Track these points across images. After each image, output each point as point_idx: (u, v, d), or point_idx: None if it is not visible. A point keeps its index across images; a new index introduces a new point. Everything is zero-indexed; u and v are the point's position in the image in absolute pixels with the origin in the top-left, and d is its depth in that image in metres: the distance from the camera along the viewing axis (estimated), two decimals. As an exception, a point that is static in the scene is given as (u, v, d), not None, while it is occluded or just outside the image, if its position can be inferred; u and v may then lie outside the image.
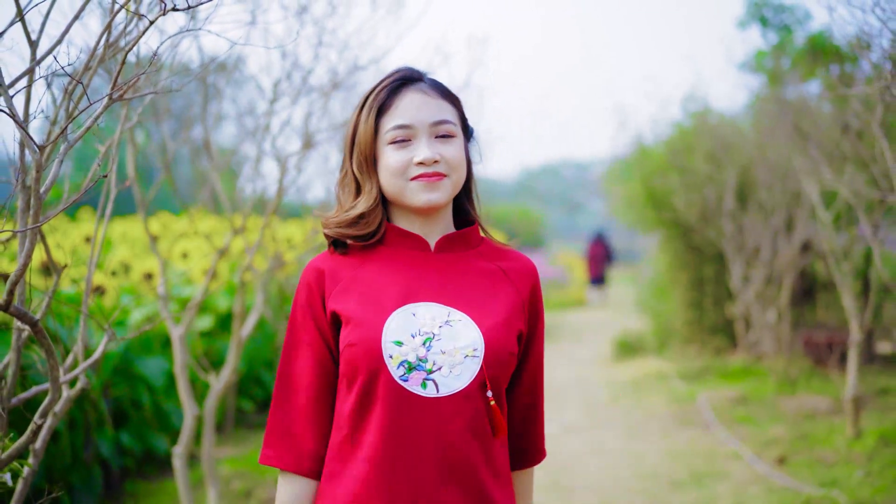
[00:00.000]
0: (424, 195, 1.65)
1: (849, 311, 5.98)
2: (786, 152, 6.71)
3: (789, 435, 6.10)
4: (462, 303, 1.67)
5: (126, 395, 5.10)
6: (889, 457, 5.36)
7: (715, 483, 5.21)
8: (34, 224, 1.58)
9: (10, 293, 1.63)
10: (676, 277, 10.39)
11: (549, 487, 5.25)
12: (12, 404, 1.90)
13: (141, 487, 5.12)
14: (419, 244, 1.71)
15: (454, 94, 1.75)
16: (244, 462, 5.39)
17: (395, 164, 1.65)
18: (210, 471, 3.78)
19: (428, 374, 1.61)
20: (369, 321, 1.63)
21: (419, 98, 1.67)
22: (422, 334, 1.62)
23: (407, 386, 1.60)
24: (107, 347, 2.04)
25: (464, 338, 1.63)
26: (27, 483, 2.10)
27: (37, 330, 1.70)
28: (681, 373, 8.81)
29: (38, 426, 1.76)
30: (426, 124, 1.66)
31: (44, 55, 1.75)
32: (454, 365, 1.61)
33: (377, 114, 1.67)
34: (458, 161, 1.68)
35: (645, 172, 10.30)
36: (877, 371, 8.22)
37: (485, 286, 1.72)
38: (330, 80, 3.66)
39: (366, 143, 1.68)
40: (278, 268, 4.34)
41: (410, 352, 1.60)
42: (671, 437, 6.50)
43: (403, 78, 1.70)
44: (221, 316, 6.64)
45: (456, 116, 1.72)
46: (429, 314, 1.64)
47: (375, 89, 1.71)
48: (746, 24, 9.49)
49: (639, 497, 5.03)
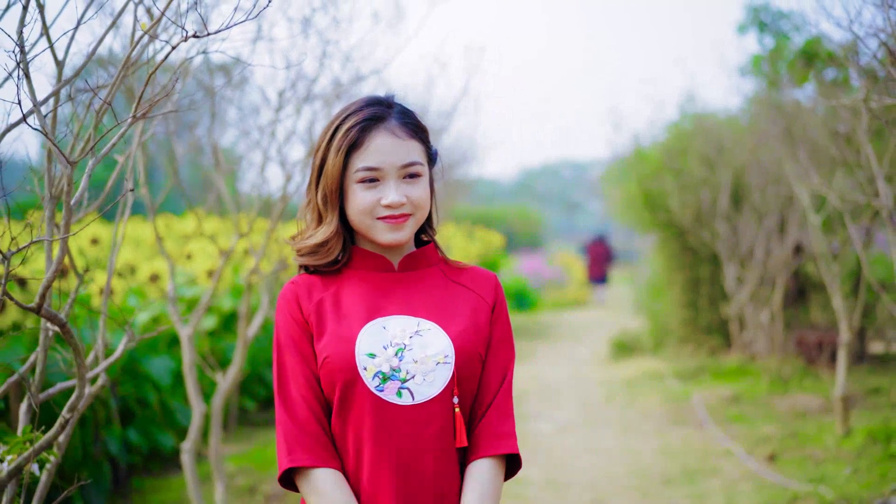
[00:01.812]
0: (389, 234, 1.74)
1: (838, 311, 6.12)
2: (778, 156, 6.85)
3: (780, 433, 6.24)
4: (429, 313, 1.76)
5: (132, 394, 5.24)
6: (877, 454, 5.50)
7: (706, 480, 5.35)
8: (65, 234, 1.72)
9: (42, 297, 1.76)
10: (672, 278, 10.54)
11: (544, 484, 5.38)
12: (40, 400, 2.04)
13: (147, 483, 5.25)
14: (384, 265, 1.81)
15: (422, 125, 1.81)
16: (248, 458, 5.53)
17: (363, 203, 1.72)
18: (217, 466, 3.92)
19: (402, 384, 1.69)
20: (342, 335, 1.71)
21: (389, 141, 1.72)
22: (393, 345, 1.71)
23: (383, 396, 1.68)
24: (126, 346, 2.18)
25: (434, 346, 1.72)
26: (51, 474, 2.24)
27: (65, 330, 1.84)
28: (676, 372, 8.95)
29: (66, 420, 1.90)
30: (395, 167, 1.73)
31: (71, 77, 1.89)
32: (427, 373, 1.70)
33: (347, 151, 1.73)
34: (423, 200, 1.76)
35: (641, 174, 10.45)
36: (869, 370, 8.36)
37: (449, 297, 1.81)
38: (333, 90, 3.80)
39: (332, 179, 1.74)
40: (281, 270, 4.47)
41: (384, 362, 1.69)
42: (665, 435, 6.64)
43: (373, 117, 1.74)
44: (225, 316, 6.78)
45: (422, 153, 1.78)
46: (398, 326, 1.73)
47: (344, 125, 1.74)
48: (745, 30, 9.64)
49: (632, 493, 5.17)
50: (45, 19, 1.87)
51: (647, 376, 9.06)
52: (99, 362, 2.28)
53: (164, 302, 5.68)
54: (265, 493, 4.84)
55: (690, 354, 9.96)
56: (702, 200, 9.13)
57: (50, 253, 2.03)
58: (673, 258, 10.52)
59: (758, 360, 8.78)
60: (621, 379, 9.17)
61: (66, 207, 1.73)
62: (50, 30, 1.95)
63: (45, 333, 2.03)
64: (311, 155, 3.90)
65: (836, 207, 5.57)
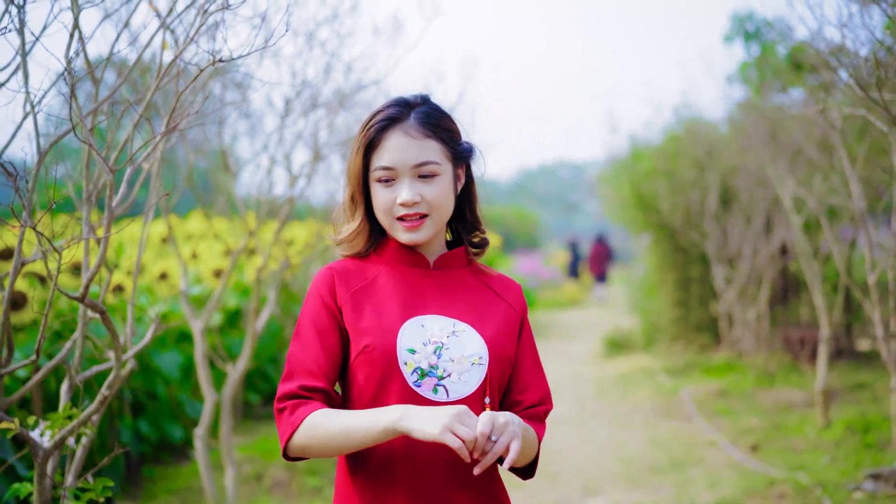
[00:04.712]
0: (406, 235, 1.80)
1: (819, 308, 6.39)
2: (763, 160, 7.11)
3: (764, 425, 6.50)
4: (464, 314, 1.82)
5: (143, 387, 5.50)
6: (854, 444, 5.76)
7: (691, 468, 5.62)
8: (107, 233, 1.97)
9: (86, 287, 2.02)
10: (664, 277, 10.81)
11: (538, 473, 5.64)
12: (78, 380, 2.29)
13: (157, 472, 5.50)
14: (421, 261, 1.86)
15: (443, 124, 1.82)
16: (254, 448, 5.78)
17: (381, 202, 1.79)
18: (227, 451, 4.17)
19: (439, 381, 1.74)
20: (384, 328, 1.76)
21: (403, 141, 1.77)
22: (432, 343, 1.76)
23: (420, 391, 1.73)
24: (154, 334, 2.43)
25: (470, 347, 1.77)
26: (85, 449, 2.50)
27: (105, 317, 2.09)
28: (666, 368, 9.22)
29: (104, 396, 2.15)
30: (407, 166, 1.77)
31: (109, 95, 2.15)
32: (462, 372, 1.75)
33: (365, 151, 1.80)
34: (440, 199, 1.79)
35: (634, 176, 10.73)
36: (855, 366, 8.64)
37: (482, 301, 1.87)
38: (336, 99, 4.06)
39: (355, 177, 1.82)
40: (286, 268, 4.73)
41: (423, 359, 1.74)
42: (654, 427, 6.90)
43: (391, 118, 1.79)
44: (230, 313, 7.03)
45: (441, 153, 1.80)
46: (436, 325, 1.78)
47: (367, 126, 1.81)
48: (732, 39, 9.93)
49: (619, 480, 5.44)
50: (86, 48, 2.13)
51: (639, 372, 9.33)
52: (128, 349, 2.54)
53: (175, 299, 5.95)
54: (272, 479, 5.09)
55: (681, 351, 10.23)
56: (691, 202, 9.41)
57: (87, 250, 2.28)
58: (665, 258, 10.79)
59: (745, 357, 9.05)
60: (614, 375, 9.44)
61: (107, 209, 1.98)
62: (93, 66, 2.21)
63: (84, 321, 2.29)
64: (316, 159, 4.17)
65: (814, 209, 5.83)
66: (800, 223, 6.50)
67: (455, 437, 1.55)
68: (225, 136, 4.33)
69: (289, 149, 4.13)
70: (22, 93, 2.30)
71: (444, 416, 1.57)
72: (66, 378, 2.37)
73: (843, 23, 2.97)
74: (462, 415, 1.58)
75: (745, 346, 9.06)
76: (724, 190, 9.30)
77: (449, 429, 1.56)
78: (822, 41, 3.38)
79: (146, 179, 2.81)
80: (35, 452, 2.15)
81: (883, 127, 3.16)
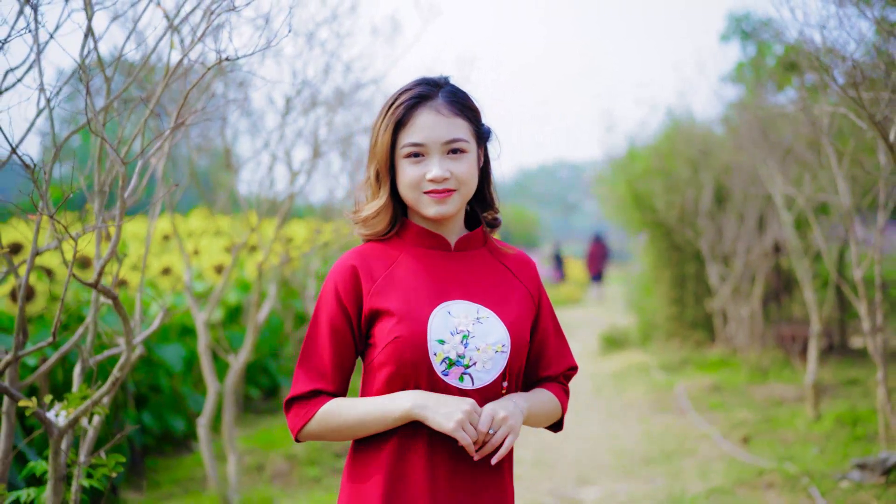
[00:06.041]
0: (434, 208, 1.82)
1: (809, 304, 6.51)
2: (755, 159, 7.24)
3: (755, 418, 6.62)
4: (486, 299, 1.85)
5: (146, 380, 5.61)
6: (843, 436, 5.88)
7: (683, 459, 5.74)
8: (119, 222, 2.09)
9: (99, 274, 2.14)
10: (660, 275, 10.94)
11: (533, 463, 5.77)
12: (92, 363, 2.41)
13: (160, 463, 5.62)
14: (441, 243, 1.89)
15: (469, 104, 1.87)
16: (254, 440, 5.90)
17: (409, 178, 1.81)
18: (230, 439, 4.29)
19: (465, 369, 1.79)
20: (413, 317, 1.78)
21: (433, 118, 1.81)
22: (458, 332, 1.79)
23: (447, 380, 1.78)
24: (162, 321, 2.55)
25: (493, 334, 1.81)
26: (96, 430, 2.62)
27: (117, 303, 2.21)
28: (662, 364, 9.35)
29: (116, 378, 2.27)
30: (438, 143, 1.80)
31: (120, 92, 2.27)
32: (486, 360, 1.80)
33: (394, 128, 1.82)
34: (467, 175, 1.83)
35: (630, 175, 10.85)
36: (849, 363, 8.77)
37: (501, 283, 1.90)
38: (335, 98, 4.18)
39: (382, 154, 1.83)
40: (286, 263, 4.84)
41: (451, 349, 1.78)
42: (648, 421, 7.02)
43: (420, 95, 1.82)
44: (230, 309, 7.15)
45: (468, 131, 1.85)
46: (462, 312, 1.81)
47: (395, 104, 1.83)
48: (728, 38, 10.06)
49: (613, 471, 5.56)
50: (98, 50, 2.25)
51: (634, 369, 9.45)
52: (136, 334, 2.65)
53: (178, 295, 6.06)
54: (272, 470, 5.21)
55: (676, 348, 10.36)
56: (686, 201, 9.54)
57: (99, 239, 2.40)
58: (661, 256, 10.92)
59: (739, 353, 9.17)
60: (609, 372, 9.56)
61: (120, 200, 2.10)
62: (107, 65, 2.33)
63: (96, 307, 2.41)
64: (316, 156, 4.29)
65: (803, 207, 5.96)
66: (791, 221, 6.62)
67: (465, 434, 1.71)
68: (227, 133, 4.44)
69: (289, 146, 4.26)
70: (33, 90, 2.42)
71: (458, 412, 1.71)
72: (79, 361, 2.49)
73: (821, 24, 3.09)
74: (472, 412, 1.73)
75: (739, 343, 9.19)
76: (718, 188, 9.43)
77: (462, 426, 1.71)
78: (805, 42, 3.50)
79: (150, 177, 2.93)
80: (50, 431, 2.27)
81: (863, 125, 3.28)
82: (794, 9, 3.15)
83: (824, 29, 3.14)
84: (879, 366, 4.93)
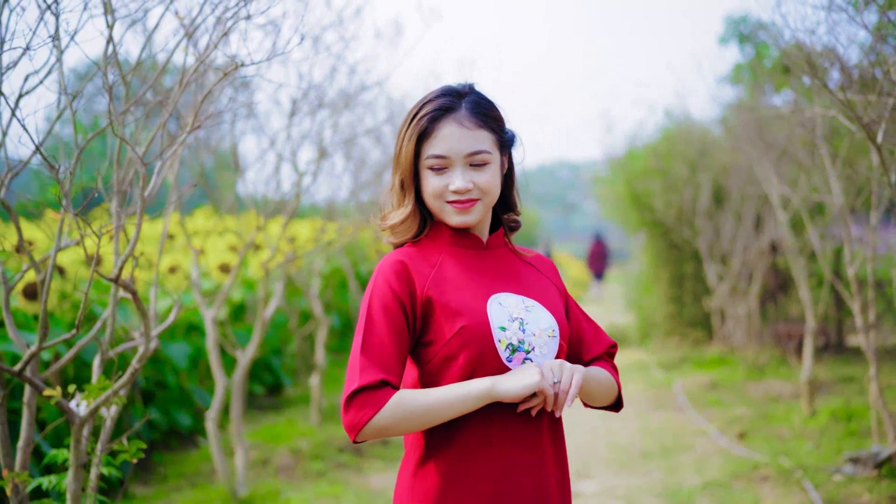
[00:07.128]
0: (457, 217, 1.87)
1: (805, 302, 6.63)
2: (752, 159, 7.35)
3: (752, 414, 6.73)
4: (527, 290, 1.91)
5: (153, 376, 5.72)
6: (838, 431, 5.99)
7: (680, 454, 5.85)
8: (139, 220, 2.20)
9: (120, 269, 2.25)
10: (658, 274, 11.05)
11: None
12: (109, 356, 2.52)
13: (167, 458, 5.72)
14: (476, 242, 1.94)
15: (493, 114, 1.90)
16: (259, 435, 6.01)
17: (433, 188, 1.85)
18: (237, 433, 4.39)
19: (526, 354, 1.83)
20: (472, 309, 1.82)
21: (457, 131, 1.84)
22: (514, 319, 1.84)
23: (511, 366, 1.82)
24: (177, 315, 2.66)
25: (543, 320, 1.87)
26: (114, 420, 2.73)
27: (136, 297, 2.32)
28: (660, 362, 9.46)
29: (135, 369, 2.38)
30: (461, 155, 1.84)
31: (139, 97, 2.37)
32: (542, 345, 1.85)
33: (418, 139, 1.85)
34: (490, 185, 1.86)
35: (629, 175, 10.97)
36: (845, 361, 8.87)
37: (533, 277, 1.97)
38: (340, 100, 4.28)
39: (406, 164, 1.86)
40: (292, 260, 4.95)
41: (513, 335, 1.82)
42: (646, 417, 7.13)
43: (443, 107, 1.84)
44: (235, 307, 7.27)
45: (491, 142, 1.88)
46: (511, 302, 1.86)
47: (418, 114, 1.85)
48: (727, 41, 10.18)
49: (611, 465, 5.67)
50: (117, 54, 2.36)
51: (633, 366, 9.57)
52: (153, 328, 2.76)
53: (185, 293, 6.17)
54: (277, 464, 5.32)
55: (675, 346, 10.47)
56: (684, 200, 9.65)
57: (117, 236, 2.51)
58: (659, 255, 11.03)
59: (736, 351, 9.28)
60: (609, 369, 9.66)
61: (140, 199, 2.21)
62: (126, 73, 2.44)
63: (115, 301, 2.51)
64: (321, 157, 4.39)
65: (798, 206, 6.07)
66: (787, 220, 6.73)
67: (548, 385, 1.75)
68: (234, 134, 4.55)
69: (295, 147, 4.36)
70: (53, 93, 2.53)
71: (533, 370, 1.75)
72: (98, 353, 2.59)
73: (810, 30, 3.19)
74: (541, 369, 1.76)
75: (737, 341, 9.30)
76: (715, 188, 9.55)
77: (543, 377, 1.75)
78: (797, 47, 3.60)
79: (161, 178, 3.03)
80: (72, 420, 2.37)
81: (852, 127, 3.38)
82: (786, 15, 3.25)
83: (813, 35, 3.24)
84: (872, 362, 5.04)
